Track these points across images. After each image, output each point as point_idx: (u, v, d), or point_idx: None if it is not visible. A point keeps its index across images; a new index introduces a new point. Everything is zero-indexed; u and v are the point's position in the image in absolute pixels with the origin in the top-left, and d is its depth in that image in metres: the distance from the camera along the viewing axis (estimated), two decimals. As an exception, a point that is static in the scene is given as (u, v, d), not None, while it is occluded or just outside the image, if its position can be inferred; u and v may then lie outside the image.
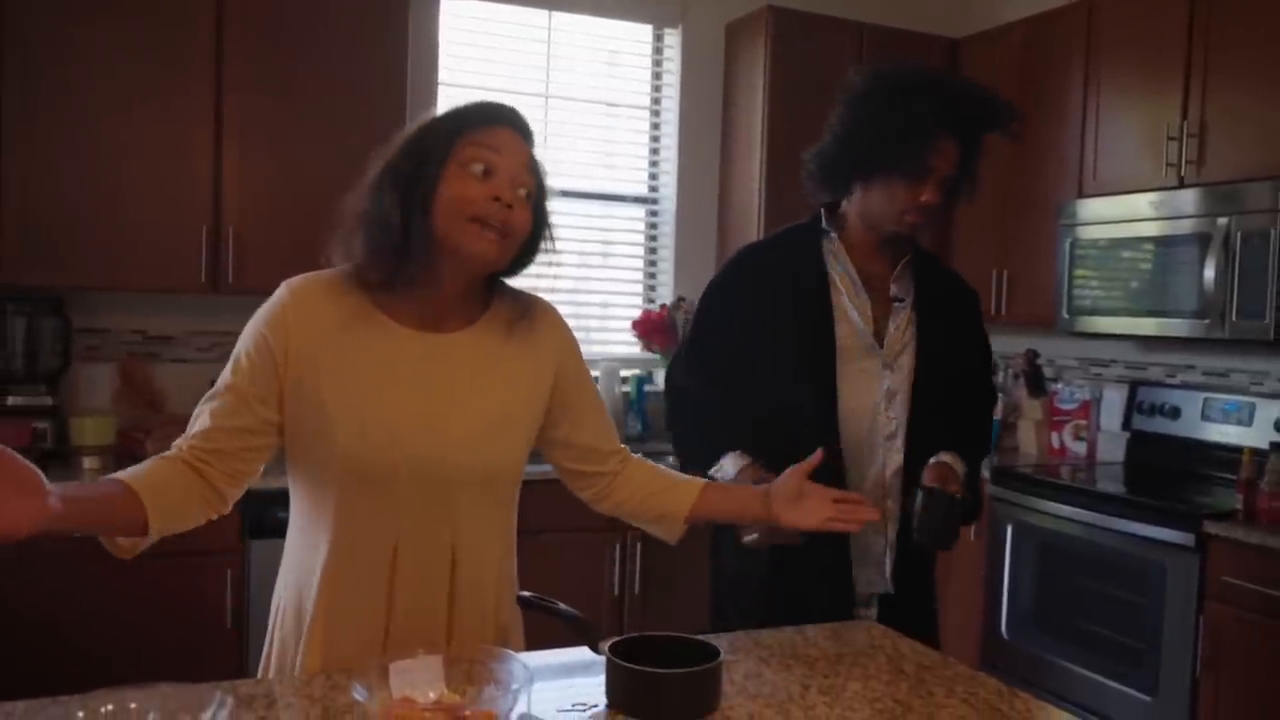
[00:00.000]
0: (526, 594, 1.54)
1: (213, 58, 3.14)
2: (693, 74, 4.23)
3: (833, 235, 2.01)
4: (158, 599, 2.85)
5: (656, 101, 4.28)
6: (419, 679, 1.28)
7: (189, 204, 3.15)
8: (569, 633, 1.54)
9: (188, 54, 3.12)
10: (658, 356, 4.13)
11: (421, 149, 1.38)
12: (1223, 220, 3.06)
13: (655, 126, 4.28)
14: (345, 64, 3.29)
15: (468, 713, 1.21)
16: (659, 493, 1.62)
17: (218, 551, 2.90)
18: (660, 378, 4.20)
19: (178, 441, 1.40)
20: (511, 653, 1.35)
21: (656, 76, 4.27)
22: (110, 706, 1.06)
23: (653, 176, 4.29)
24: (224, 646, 2.94)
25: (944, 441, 1.95)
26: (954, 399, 2.01)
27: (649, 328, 4.04)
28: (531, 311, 1.53)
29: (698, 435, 2.01)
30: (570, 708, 1.35)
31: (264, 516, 2.86)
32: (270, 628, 1.52)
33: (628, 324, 4.11)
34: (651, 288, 4.32)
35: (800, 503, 1.57)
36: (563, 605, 1.47)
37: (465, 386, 1.45)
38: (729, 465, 1.90)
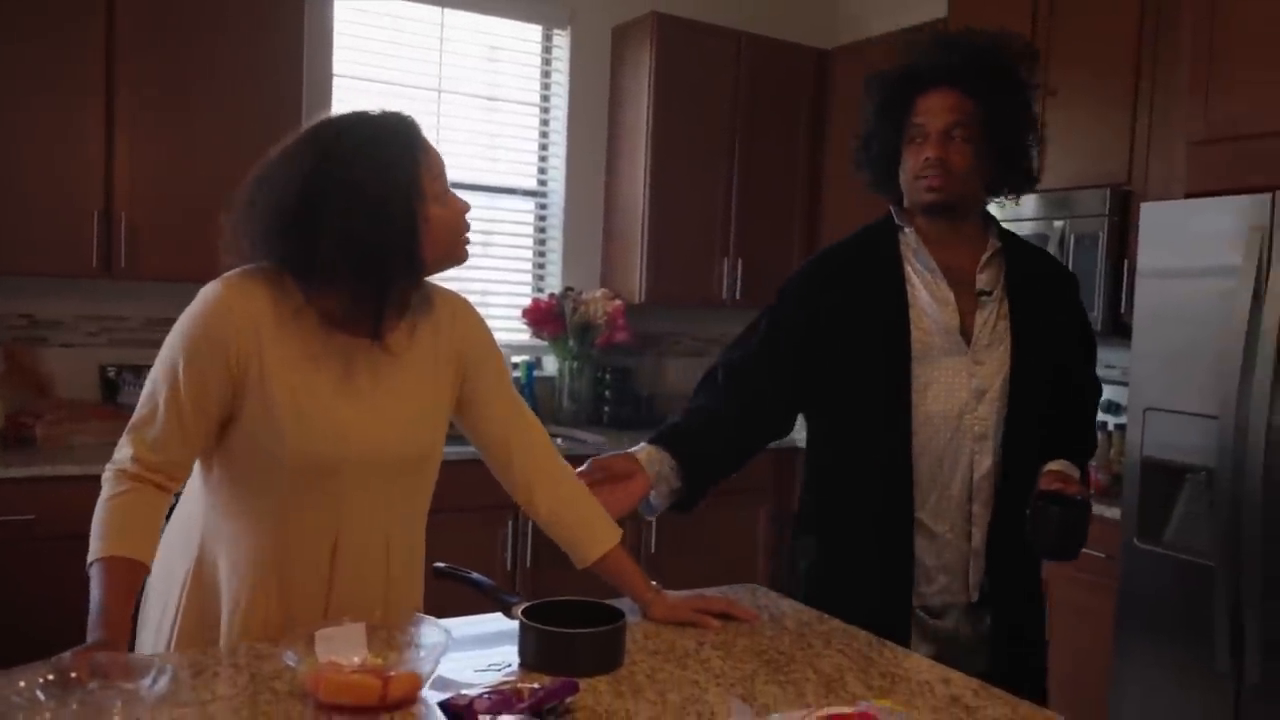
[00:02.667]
0: (441, 565, 1.59)
1: (103, 43, 3.05)
2: (581, 74, 4.28)
3: (906, 230, 1.83)
4: (48, 580, 2.75)
5: (546, 99, 4.31)
6: (343, 645, 1.32)
7: (80, 189, 3.04)
8: (477, 601, 1.59)
9: (79, 39, 3.02)
10: (546, 344, 4.18)
11: (392, 199, 1.37)
12: (1059, 223, 3.30)
13: (544, 123, 4.32)
14: (240, 53, 3.23)
15: (393, 674, 1.25)
16: (575, 525, 1.63)
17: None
18: (549, 364, 4.26)
19: (132, 455, 1.39)
20: (431, 619, 1.40)
21: (546, 75, 4.31)
22: (51, 676, 1.07)
23: (542, 171, 4.33)
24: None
25: (1050, 442, 1.81)
26: (1056, 395, 1.83)
27: (539, 316, 4.09)
28: (446, 304, 1.58)
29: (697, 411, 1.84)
30: (486, 668, 1.40)
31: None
32: (175, 599, 1.49)
33: (517, 312, 4.15)
34: (540, 278, 4.36)
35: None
36: (476, 574, 1.53)
37: (397, 381, 1.49)
38: (645, 456, 1.75)
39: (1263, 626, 2.37)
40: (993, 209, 1.93)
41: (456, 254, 1.48)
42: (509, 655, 1.44)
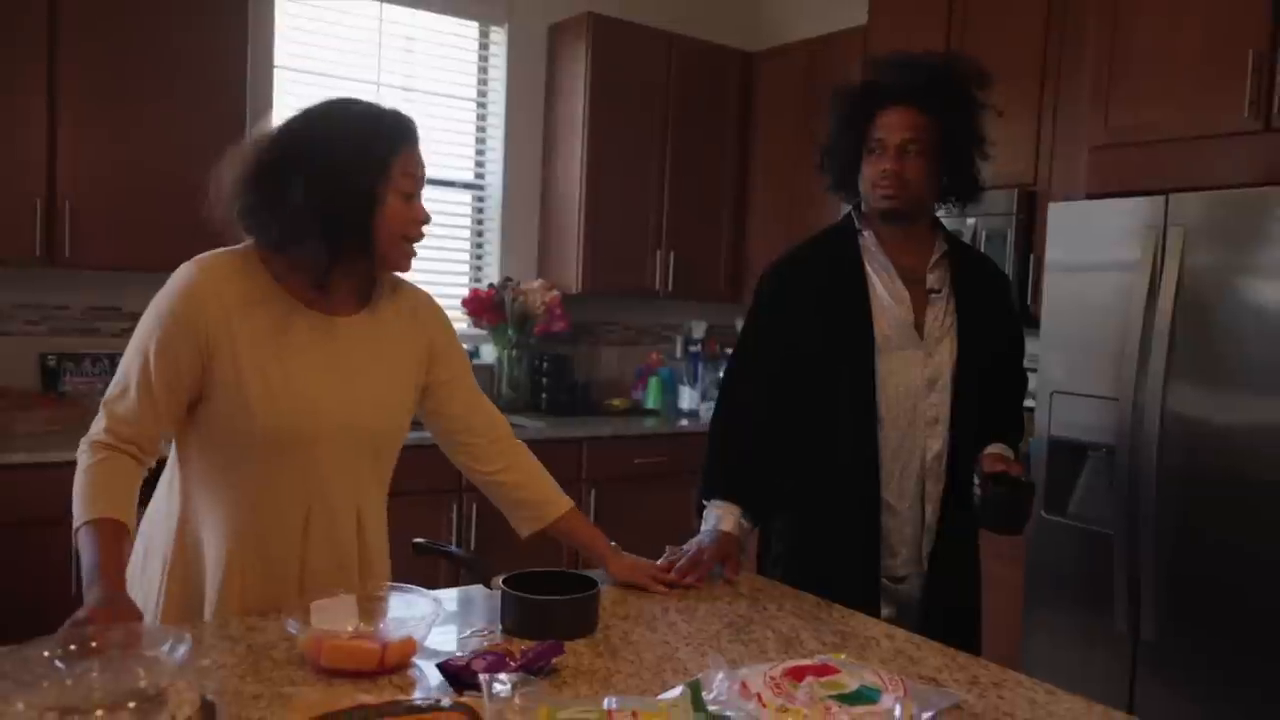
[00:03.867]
0: (421, 540, 1.64)
1: (46, 31, 2.98)
2: (517, 70, 4.32)
3: (865, 233, 1.95)
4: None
5: (483, 94, 4.34)
6: (336, 615, 1.37)
7: (21, 176, 2.97)
8: (441, 576, 1.65)
9: (21, 26, 2.94)
10: (484, 332, 4.22)
11: (358, 169, 1.41)
12: (971, 220, 3.47)
13: (481, 118, 4.34)
14: (185, 43, 3.18)
15: (390, 640, 1.31)
16: (535, 491, 1.72)
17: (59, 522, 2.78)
18: (486, 352, 4.29)
19: (107, 427, 1.43)
20: (421, 589, 1.45)
21: (483, 71, 4.33)
22: (74, 646, 1.10)
23: (479, 164, 4.36)
24: (65, 610, 2.82)
25: (987, 427, 1.94)
26: (992, 384, 1.96)
27: (478, 306, 4.12)
28: (411, 297, 1.64)
29: (722, 466, 1.97)
30: (469, 634, 1.47)
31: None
32: (158, 580, 1.52)
33: (455, 302, 4.17)
34: (479, 268, 4.39)
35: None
36: (454, 548, 1.59)
37: (364, 361, 1.54)
38: (716, 517, 1.88)
39: (1157, 590, 2.56)
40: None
41: (396, 255, 1.49)
42: (486, 623, 1.50)
